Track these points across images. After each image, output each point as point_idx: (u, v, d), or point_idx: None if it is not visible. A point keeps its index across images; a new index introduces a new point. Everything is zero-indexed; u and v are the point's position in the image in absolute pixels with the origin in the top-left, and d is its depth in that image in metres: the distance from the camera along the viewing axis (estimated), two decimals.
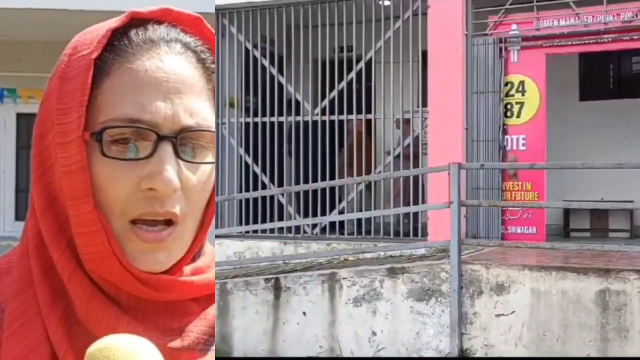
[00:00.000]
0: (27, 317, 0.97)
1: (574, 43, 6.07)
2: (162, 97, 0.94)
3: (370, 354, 4.84)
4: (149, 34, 0.98)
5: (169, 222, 0.96)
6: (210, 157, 0.99)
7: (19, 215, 7.89)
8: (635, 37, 5.84)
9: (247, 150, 6.95)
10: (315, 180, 6.46)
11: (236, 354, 5.17)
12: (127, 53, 0.96)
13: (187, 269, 1.01)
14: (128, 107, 0.93)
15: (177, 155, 0.95)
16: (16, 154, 8.04)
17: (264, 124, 6.91)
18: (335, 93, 6.63)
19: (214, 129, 1.00)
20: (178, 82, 0.96)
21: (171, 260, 0.98)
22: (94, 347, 0.86)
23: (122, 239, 0.95)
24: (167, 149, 0.94)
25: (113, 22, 0.98)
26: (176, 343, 0.96)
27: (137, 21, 0.99)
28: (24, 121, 8.09)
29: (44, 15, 6.46)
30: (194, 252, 1.02)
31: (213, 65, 1.02)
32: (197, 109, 0.97)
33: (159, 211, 0.94)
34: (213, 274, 1.03)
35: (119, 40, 0.97)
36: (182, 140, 0.95)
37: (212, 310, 1.01)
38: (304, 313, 5.03)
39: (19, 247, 1.02)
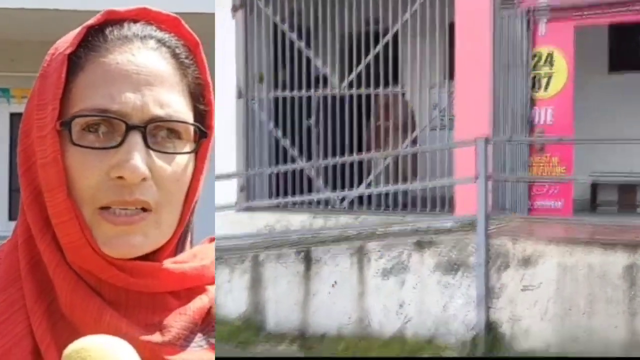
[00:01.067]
0: (12, 311, 0.97)
1: (603, 13, 6.00)
2: (132, 89, 0.96)
3: (397, 326, 4.96)
4: (123, 31, 1.00)
5: (143, 210, 0.96)
6: (187, 149, 1.00)
7: (12, 215, 7.70)
8: None
9: (276, 125, 7.04)
10: (343, 153, 6.53)
11: (269, 325, 5.34)
12: (100, 48, 0.98)
13: (167, 261, 1.01)
14: (98, 98, 0.95)
15: (147, 145, 0.96)
16: (9, 154, 7.79)
17: (292, 98, 6.97)
18: (362, 66, 6.65)
19: (188, 121, 1.00)
20: (149, 74, 0.97)
21: (147, 245, 0.98)
22: (70, 349, 0.85)
23: (92, 226, 0.96)
24: (135, 138, 0.95)
25: (89, 21, 1.01)
26: (157, 337, 0.96)
27: (114, 20, 1.02)
28: (18, 121, 7.93)
29: (37, 15, 6.34)
30: (174, 242, 1.02)
31: (187, 61, 1.03)
32: (168, 101, 0.98)
33: (128, 199, 0.95)
34: (190, 267, 1.02)
35: (94, 37, 1.00)
36: (153, 130, 0.96)
37: (192, 306, 1.01)
38: (333, 285, 5.15)
39: (8, 243, 1.05)
